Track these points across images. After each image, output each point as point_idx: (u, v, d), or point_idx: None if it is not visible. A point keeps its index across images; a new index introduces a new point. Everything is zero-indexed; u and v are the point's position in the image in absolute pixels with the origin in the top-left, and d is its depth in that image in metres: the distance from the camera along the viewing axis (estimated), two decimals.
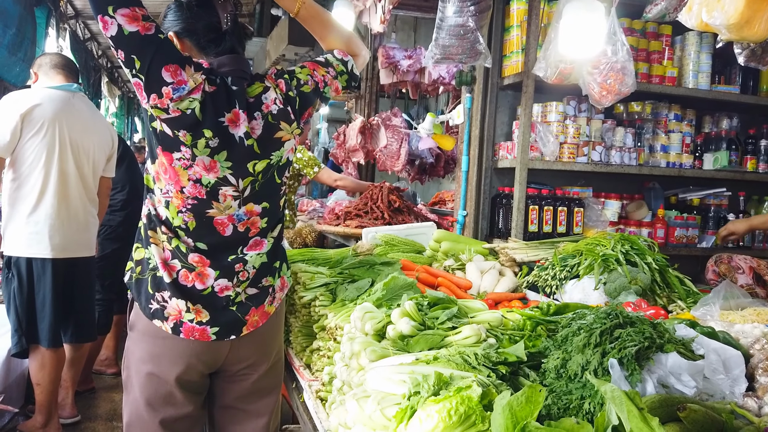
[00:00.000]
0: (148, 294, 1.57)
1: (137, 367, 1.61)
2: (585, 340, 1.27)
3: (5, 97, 2.87)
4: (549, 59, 2.60)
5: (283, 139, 1.65)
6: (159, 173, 1.54)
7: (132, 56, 1.44)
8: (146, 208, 1.60)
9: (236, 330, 1.63)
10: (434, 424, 1.08)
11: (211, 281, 1.58)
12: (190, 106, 1.47)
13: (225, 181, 1.57)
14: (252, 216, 1.64)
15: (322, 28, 1.76)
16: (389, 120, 4.84)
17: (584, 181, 3.41)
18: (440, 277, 2.53)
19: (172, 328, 1.56)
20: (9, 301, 2.85)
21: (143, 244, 1.60)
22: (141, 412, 1.61)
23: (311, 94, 1.71)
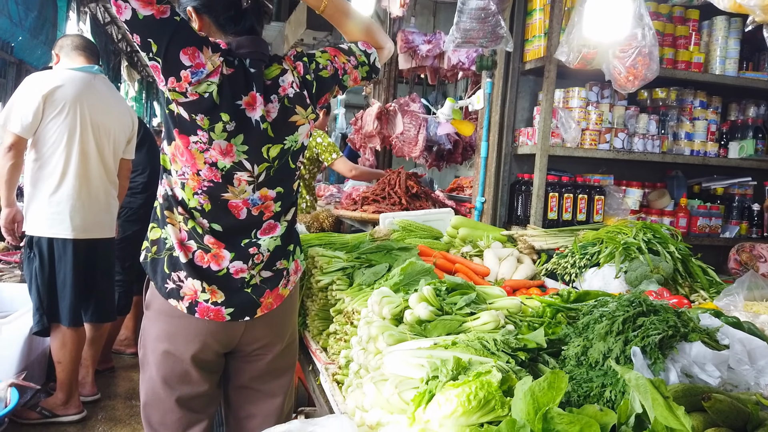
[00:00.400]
0: (164, 273, 1.58)
1: (153, 346, 1.62)
2: (607, 328, 1.25)
3: (27, 78, 2.89)
4: (572, 43, 2.55)
5: (297, 123, 1.63)
6: (175, 155, 1.54)
7: (148, 40, 1.43)
8: (162, 188, 1.60)
9: (250, 311, 1.63)
10: (453, 408, 1.07)
11: (227, 263, 1.58)
12: (207, 90, 1.47)
13: (240, 166, 1.56)
14: (266, 201, 1.63)
15: (347, 22, 1.74)
16: (407, 105, 4.80)
17: (605, 169, 3.36)
18: (458, 263, 2.52)
19: (187, 308, 1.57)
20: (31, 280, 2.89)
21: (159, 224, 1.60)
22: (157, 390, 1.63)
23: (329, 79, 1.69)
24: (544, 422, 0.87)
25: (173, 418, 1.63)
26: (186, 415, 1.64)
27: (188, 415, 1.65)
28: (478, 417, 1.07)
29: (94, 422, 3.08)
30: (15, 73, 6.71)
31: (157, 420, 1.65)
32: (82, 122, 2.89)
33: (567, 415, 0.87)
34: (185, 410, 1.64)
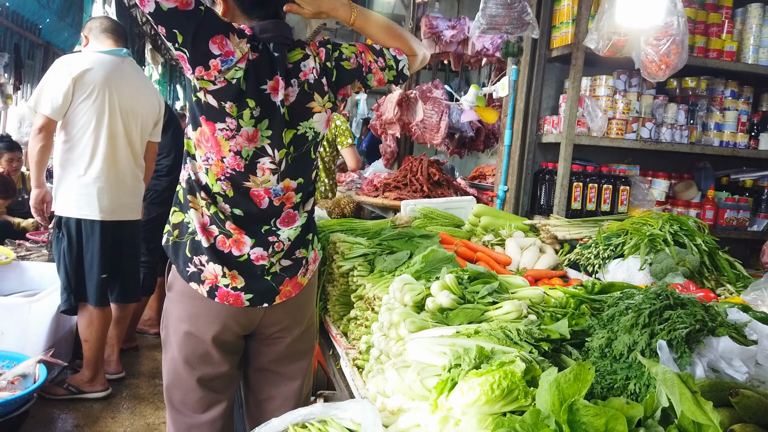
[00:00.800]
0: (185, 257, 1.59)
1: (175, 327, 1.64)
2: (633, 320, 1.23)
3: (57, 60, 2.93)
4: (601, 30, 2.50)
5: (314, 110, 1.62)
6: (200, 140, 1.54)
7: (173, 31, 1.42)
8: (186, 173, 1.60)
9: (269, 298, 1.65)
10: (476, 396, 1.07)
11: (247, 249, 1.59)
12: (235, 76, 1.47)
13: (263, 151, 1.56)
14: (288, 191, 1.64)
15: (378, 31, 1.72)
16: (429, 92, 4.76)
17: (631, 159, 3.31)
18: (479, 252, 2.51)
19: (207, 292, 1.58)
20: (59, 259, 2.95)
21: (181, 208, 1.61)
22: (179, 370, 1.65)
23: (351, 72, 1.67)
24: (569, 413, 0.86)
25: (194, 398, 1.66)
26: (207, 396, 1.66)
27: (209, 395, 1.67)
28: (501, 406, 1.07)
29: (119, 399, 3.16)
30: (42, 55, 6.80)
31: (178, 400, 1.68)
32: (111, 105, 2.93)
33: (593, 407, 0.87)
34: (206, 390, 1.66)
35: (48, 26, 6.57)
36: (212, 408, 1.68)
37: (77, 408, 3.01)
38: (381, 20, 1.74)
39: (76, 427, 2.85)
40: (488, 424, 1.05)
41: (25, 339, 2.87)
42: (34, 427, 2.78)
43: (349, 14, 1.68)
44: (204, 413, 1.67)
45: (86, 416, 2.95)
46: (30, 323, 2.90)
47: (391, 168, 5.57)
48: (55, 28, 6.68)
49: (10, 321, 2.85)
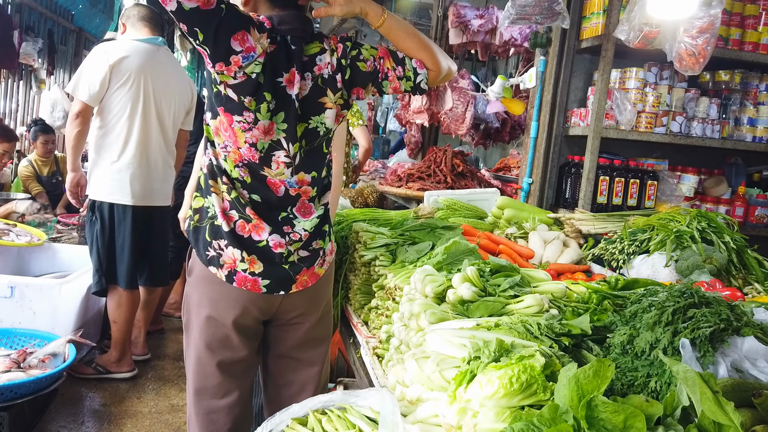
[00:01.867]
0: (205, 241, 1.60)
1: (196, 311, 1.67)
2: (656, 318, 1.22)
3: (95, 47, 2.99)
4: (633, 21, 2.45)
5: (325, 105, 1.62)
6: (219, 129, 1.56)
7: (194, 29, 1.43)
8: (207, 158, 1.62)
9: (286, 287, 1.66)
10: (494, 389, 1.07)
11: (266, 235, 1.60)
12: (255, 70, 1.48)
13: (278, 144, 1.57)
14: (303, 185, 1.65)
15: (405, 39, 1.68)
16: (456, 82, 4.73)
17: (660, 153, 3.25)
18: (502, 245, 2.50)
19: (226, 276, 1.60)
20: (92, 242, 3.03)
21: (202, 193, 1.63)
22: (200, 355, 1.67)
23: (365, 74, 1.64)
24: (587, 409, 0.86)
25: (214, 383, 1.68)
26: (226, 380, 1.68)
27: (228, 380, 1.69)
28: (520, 400, 1.07)
29: (145, 380, 3.24)
30: (75, 41, 6.94)
31: (199, 384, 1.69)
32: (146, 93, 2.98)
33: (611, 403, 0.87)
34: (226, 375, 1.68)
35: (80, 12, 6.69)
36: (231, 393, 1.70)
37: (104, 387, 3.10)
38: (409, 28, 1.70)
39: (103, 406, 2.94)
40: (506, 417, 1.05)
41: (55, 319, 2.96)
42: (63, 404, 2.88)
43: (379, 17, 1.64)
44: (223, 398, 1.69)
45: (113, 396, 3.03)
46: (60, 304, 2.98)
47: (415, 158, 5.56)
48: (87, 14, 6.80)
49: (42, 301, 2.94)
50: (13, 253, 3.57)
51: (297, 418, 1.42)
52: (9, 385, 2.35)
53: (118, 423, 2.78)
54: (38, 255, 3.65)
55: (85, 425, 2.75)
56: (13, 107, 5.99)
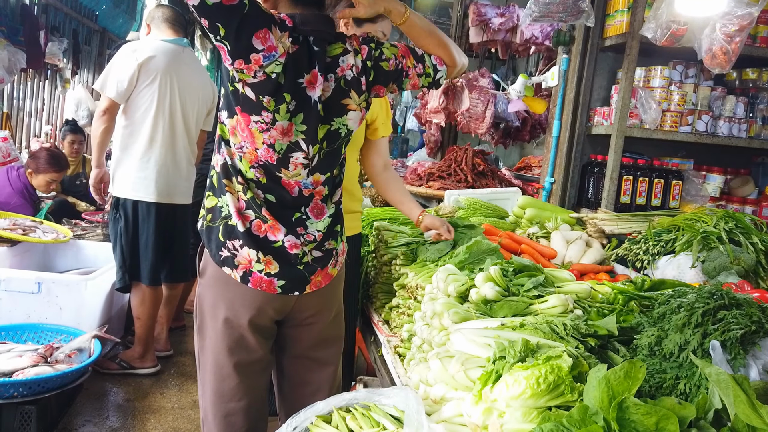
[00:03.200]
0: (218, 241, 1.57)
1: (211, 313, 1.63)
2: (685, 319, 1.21)
3: (123, 47, 3.04)
4: (660, 19, 2.41)
5: (348, 107, 1.59)
6: (235, 128, 1.53)
7: (216, 24, 1.40)
8: (221, 157, 1.58)
9: (300, 287, 1.63)
10: (521, 390, 1.07)
11: (282, 236, 1.58)
12: (275, 70, 1.45)
13: (297, 146, 1.54)
14: (317, 185, 1.63)
15: (425, 36, 1.69)
16: (476, 81, 4.71)
17: (685, 153, 3.21)
18: (524, 244, 2.48)
19: (240, 277, 1.57)
20: (115, 239, 3.07)
21: (216, 193, 1.60)
22: (218, 357, 1.64)
23: (389, 73, 1.63)
24: (619, 411, 0.85)
25: (230, 385, 1.64)
26: (243, 382, 1.65)
27: (245, 381, 1.66)
28: (547, 401, 1.07)
29: (167, 376, 3.28)
30: (98, 41, 7.04)
31: (215, 387, 1.66)
32: (171, 92, 3.02)
33: (643, 405, 0.86)
34: (243, 377, 1.65)
35: (104, 13, 6.79)
36: (248, 394, 1.67)
37: (128, 383, 3.14)
38: (429, 26, 1.71)
39: (127, 401, 2.98)
40: (533, 418, 1.05)
41: (81, 315, 3.00)
42: (88, 399, 2.92)
43: (402, 15, 1.64)
44: (241, 400, 1.66)
45: (136, 391, 3.08)
46: (86, 300, 3.03)
47: (435, 157, 5.55)
48: (110, 14, 6.90)
49: (68, 297, 2.99)
50: (39, 250, 3.64)
51: (321, 415, 1.42)
52: (37, 379, 2.39)
53: (142, 418, 2.82)
54: (63, 251, 3.71)
55: (109, 419, 2.79)
56: (39, 106, 6.10)
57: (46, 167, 3.98)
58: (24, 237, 3.35)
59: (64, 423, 2.67)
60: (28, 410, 2.39)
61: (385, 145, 2.49)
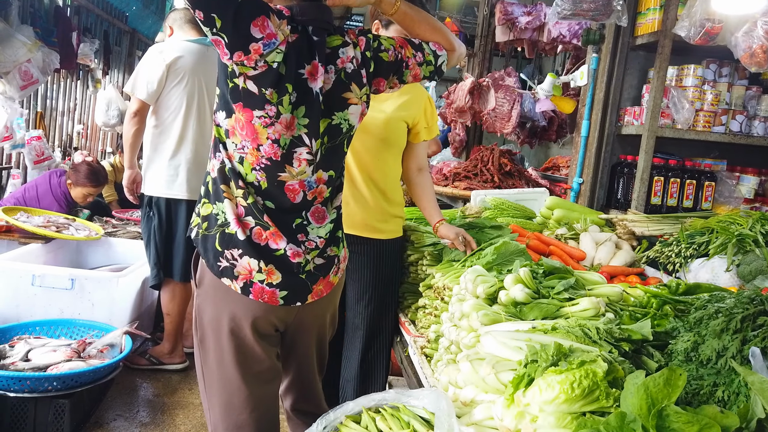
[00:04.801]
0: (216, 251, 1.50)
1: (214, 326, 1.56)
2: (723, 325, 1.18)
3: (151, 48, 3.09)
4: (694, 17, 2.36)
5: (349, 101, 1.55)
6: (234, 128, 1.47)
7: (212, 15, 1.35)
8: (217, 162, 1.51)
9: (302, 297, 1.58)
10: (555, 394, 1.06)
11: (284, 244, 1.51)
12: (276, 59, 1.40)
13: (300, 141, 1.49)
14: (320, 184, 1.57)
15: (419, 24, 1.66)
16: (502, 80, 4.67)
17: (718, 153, 3.13)
18: (552, 246, 2.46)
19: (241, 288, 1.51)
20: (149, 237, 3.12)
21: (211, 199, 1.53)
22: (225, 370, 1.58)
23: (388, 64, 1.60)
24: (658, 419, 0.84)
25: (242, 397, 1.59)
26: (253, 393, 1.61)
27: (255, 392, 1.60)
28: (581, 406, 1.05)
29: (195, 372, 3.31)
30: (128, 42, 7.16)
31: (224, 400, 1.60)
32: (199, 91, 3.06)
33: (684, 413, 0.84)
34: (252, 387, 1.60)
35: (134, 14, 6.90)
36: (259, 405, 1.62)
37: (157, 378, 3.20)
38: (421, 13, 1.68)
39: (156, 397, 3.03)
40: (567, 423, 1.04)
41: (112, 311, 3.07)
42: (119, 393, 2.98)
43: (393, 5, 1.61)
44: (253, 411, 1.61)
45: (165, 386, 3.13)
46: (117, 296, 3.09)
47: (459, 157, 5.52)
48: (140, 15, 7.01)
49: (100, 293, 3.05)
50: (72, 246, 3.72)
51: (351, 415, 1.43)
52: (70, 374, 2.45)
53: (171, 413, 2.86)
54: (95, 248, 3.79)
55: (139, 414, 2.84)
56: (71, 106, 6.23)
57: (84, 181, 4.08)
58: (58, 234, 3.43)
59: (95, 417, 2.73)
60: (62, 404, 2.45)
61: (422, 149, 2.47)
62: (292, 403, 1.86)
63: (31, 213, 3.68)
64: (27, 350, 2.59)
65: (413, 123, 2.34)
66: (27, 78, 4.37)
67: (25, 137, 4.71)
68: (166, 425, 2.76)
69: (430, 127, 2.44)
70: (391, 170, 2.37)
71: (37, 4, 4.87)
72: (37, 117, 5.39)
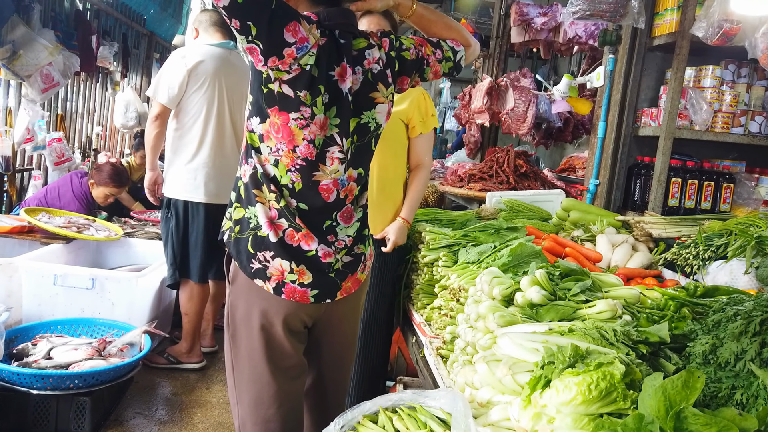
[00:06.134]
0: (248, 253, 1.56)
1: (245, 321, 1.61)
2: (742, 328, 1.18)
3: (173, 53, 3.14)
4: (711, 18, 2.35)
5: (376, 100, 1.60)
6: (269, 132, 1.51)
7: (247, 23, 1.40)
8: (249, 167, 1.56)
9: (332, 294, 1.64)
10: (572, 396, 1.06)
11: (315, 245, 1.57)
12: (309, 62, 1.46)
13: (332, 140, 1.54)
14: (351, 182, 1.62)
15: (435, 23, 1.73)
16: (517, 81, 4.66)
17: (737, 154, 3.10)
18: (568, 247, 2.45)
19: (274, 288, 1.56)
20: (167, 238, 3.17)
21: (244, 204, 1.58)
22: (255, 365, 1.62)
23: (410, 63, 1.66)
24: (676, 421, 0.84)
25: (271, 392, 1.63)
26: (282, 388, 1.64)
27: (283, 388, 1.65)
28: (598, 407, 1.06)
29: (212, 371, 3.36)
30: (146, 44, 7.25)
31: (253, 395, 1.64)
32: (220, 96, 3.10)
33: (702, 415, 0.85)
34: (281, 382, 1.64)
35: (152, 17, 6.98)
36: (287, 400, 1.66)
37: (175, 377, 3.24)
38: (435, 13, 1.75)
39: (174, 395, 3.07)
40: (584, 425, 1.04)
41: (132, 310, 3.11)
42: (138, 392, 3.02)
43: (410, 8, 1.67)
44: (281, 406, 1.64)
45: (183, 385, 3.17)
46: (136, 296, 3.14)
47: (474, 158, 5.52)
48: (158, 18, 7.08)
49: (120, 293, 3.10)
50: (92, 247, 3.78)
51: (368, 415, 1.44)
52: (92, 372, 2.49)
53: (189, 411, 2.90)
54: (114, 249, 3.85)
55: (158, 412, 2.88)
56: (90, 108, 6.32)
57: (107, 181, 4.15)
58: (78, 234, 3.49)
59: (115, 415, 2.78)
60: (83, 401, 2.49)
61: (420, 144, 2.52)
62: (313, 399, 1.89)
63: (52, 214, 3.74)
64: (49, 348, 2.64)
65: (408, 118, 2.40)
66: (48, 81, 4.44)
67: (46, 139, 4.79)
68: (185, 424, 2.79)
69: (425, 120, 2.47)
70: (391, 169, 2.42)
71: (58, 8, 4.95)
72: (57, 119, 5.47)
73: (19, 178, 4.90)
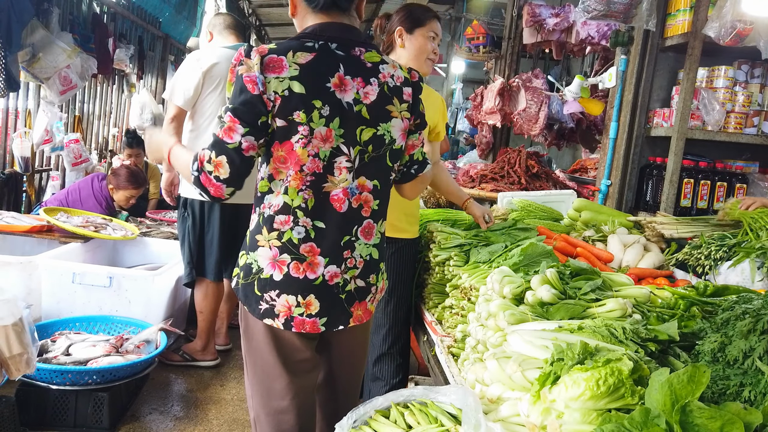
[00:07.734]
0: (256, 296, 1.59)
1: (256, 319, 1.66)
2: (750, 326, 1.19)
3: (189, 56, 3.19)
4: (724, 18, 2.35)
5: (392, 114, 1.61)
6: (277, 168, 1.55)
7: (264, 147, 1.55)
8: (256, 216, 1.62)
9: (344, 321, 1.65)
10: (581, 391, 1.08)
11: (321, 269, 1.58)
12: (285, 86, 1.48)
13: (338, 150, 1.55)
14: (364, 191, 1.61)
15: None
16: (529, 81, 4.67)
17: (750, 155, 3.10)
18: (579, 247, 2.46)
19: (283, 324, 1.60)
20: (183, 237, 3.22)
21: (247, 250, 1.62)
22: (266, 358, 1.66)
23: (421, 114, 1.72)
24: (682, 414, 0.86)
25: (282, 384, 1.67)
26: (293, 382, 1.67)
27: (295, 381, 1.68)
28: (606, 403, 1.08)
29: (227, 369, 3.41)
30: (161, 47, 7.34)
31: (265, 387, 1.68)
32: None
33: (707, 409, 0.86)
34: (292, 376, 1.67)
35: (167, 20, 7.07)
36: (298, 394, 1.70)
37: (190, 374, 3.29)
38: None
39: (189, 392, 3.12)
40: (592, 419, 1.06)
41: (148, 308, 3.17)
42: (154, 388, 3.07)
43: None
44: (292, 399, 1.68)
45: (198, 382, 3.22)
46: (153, 294, 3.19)
47: (486, 159, 5.53)
48: (173, 21, 7.17)
49: (137, 291, 3.15)
50: (109, 246, 3.85)
51: (380, 410, 1.47)
52: (110, 368, 2.54)
53: (203, 408, 2.95)
54: (131, 248, 3.91)
55: (173, 408, 2.93)
56: (107, 110, 6.42)
57: (125, 184, 4.22)
58: (96, 234, 3.55)
59: (132, 410, 2.83)
60: (101, 397, 2.55)
61: (437, 147, 2.63)
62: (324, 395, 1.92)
63: (70, 213, 3.81)
64: (68, 345, 2.70)
65: (433, 124, 2.50)
66: (66, 83, 4.53)
67: (64, 140, 4.88)
68: (199, 420, 2.84)
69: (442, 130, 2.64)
70: None
71: (76, 12, 5.04)
72: (74, 121, 5.57)
73: (37, 179, 5.00)
